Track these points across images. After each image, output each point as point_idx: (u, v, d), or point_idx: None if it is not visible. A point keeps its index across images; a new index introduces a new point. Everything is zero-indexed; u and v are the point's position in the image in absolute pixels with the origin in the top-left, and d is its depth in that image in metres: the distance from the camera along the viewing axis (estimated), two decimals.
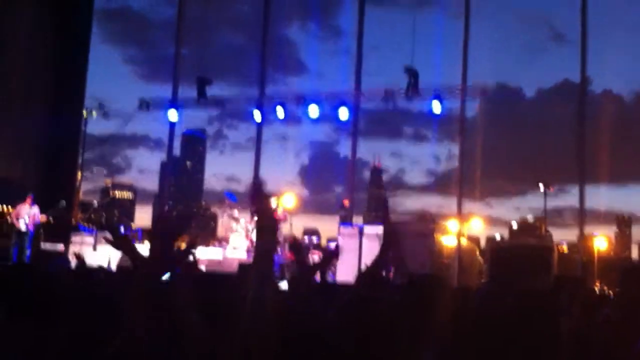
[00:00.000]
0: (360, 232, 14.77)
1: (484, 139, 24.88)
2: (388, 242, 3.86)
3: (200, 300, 3.41)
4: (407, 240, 15.19)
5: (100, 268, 7.99)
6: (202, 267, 14.11)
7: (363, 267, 4.01)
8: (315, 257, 15.51)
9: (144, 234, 19.14)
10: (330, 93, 18.81)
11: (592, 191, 19.07)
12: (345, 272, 12.41)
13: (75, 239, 16.61)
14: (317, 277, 3.82)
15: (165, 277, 3.02)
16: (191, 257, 3.74)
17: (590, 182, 19.22)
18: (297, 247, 4.10)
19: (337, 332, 3.05)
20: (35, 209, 15.21)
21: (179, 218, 3.13)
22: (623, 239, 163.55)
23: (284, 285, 3.56)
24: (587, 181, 18.55)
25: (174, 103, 19.90)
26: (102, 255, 14.16)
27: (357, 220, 18.92)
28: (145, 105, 20.01)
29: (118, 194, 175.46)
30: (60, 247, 15.54)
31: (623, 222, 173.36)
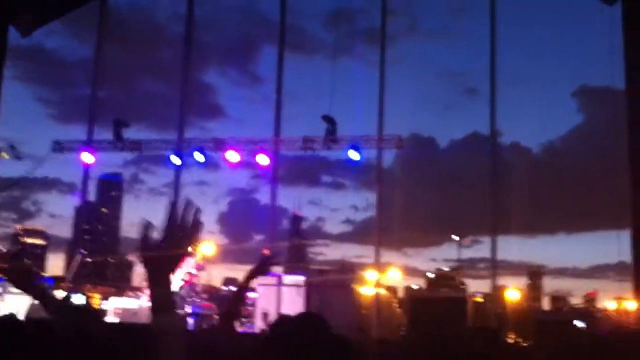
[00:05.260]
0: (280, 281, 14.61)
1: (401, 189, 25.26)
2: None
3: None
4: (326, 291, 15.13)
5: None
6: (117, 319, 13.60)
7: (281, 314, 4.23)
8: None
9: (56, 282, 18.35)
10: (250, 140, 18.71)
11: (504, 243, 19.55)
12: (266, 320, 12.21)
13: None
14: None
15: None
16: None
17: (503, 233, 19.73)
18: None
19: None
20: None
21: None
22: (535, 291, 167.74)
23: None
24: (500, 233, 19.03)
25: (89, 146, 19.34)
26: (10, 305, 13.45)
27: (278, 269, 18.70)
28: (59, 147, 19.35)
29: (29, 240, 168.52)
30: None
31: (534, 274, 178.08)
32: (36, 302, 3.48)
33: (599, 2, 18.60)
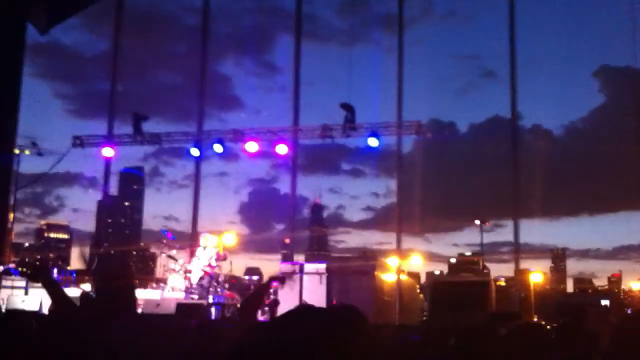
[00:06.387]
0: (301, 270, 14.63)
1: (420, 175, 25.18)
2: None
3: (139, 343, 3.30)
4: (348, 278, 15.14)
5: (32, 314, 7.65)
6: (139, 309, 13.68)
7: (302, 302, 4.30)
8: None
9: (78, 276, 18.57)
10: (268, 129, 18.66)
11: (526, 226, 19.44)
12: (287, 308, 12.23)
13: (5, 282, 15.91)
14: None
15: None
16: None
17: (525, 216, 19.60)
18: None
19: None
20: None
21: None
22: (558, 273, 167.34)
23: None
24: (522, 216, 18.91)
25: (109, 139, 19.47)
26: (34, 299, 13.63)
27: (299, 257, 18.76)
28: (79, 142, 19.49)
29: (52, 235, 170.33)
30: None
31: (558, 256, 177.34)
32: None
33: None
